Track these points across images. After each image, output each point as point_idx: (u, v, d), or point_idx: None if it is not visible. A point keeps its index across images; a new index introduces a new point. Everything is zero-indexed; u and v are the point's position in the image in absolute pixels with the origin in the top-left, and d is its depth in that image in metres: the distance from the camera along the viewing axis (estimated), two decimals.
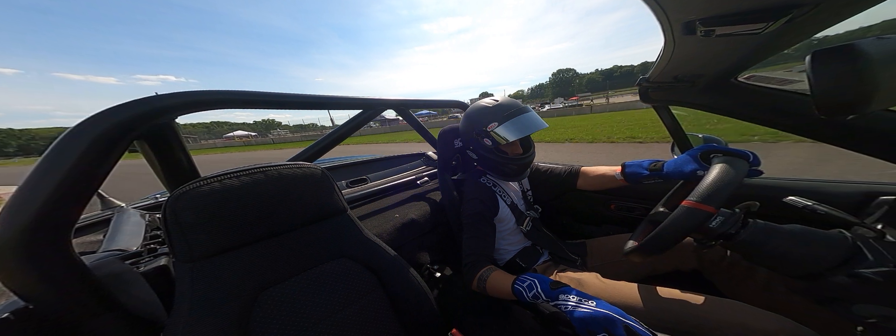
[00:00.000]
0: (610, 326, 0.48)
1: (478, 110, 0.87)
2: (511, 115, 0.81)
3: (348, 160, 1.94)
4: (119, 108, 0.46)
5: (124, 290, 0.49)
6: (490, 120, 0.82)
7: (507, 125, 0.80)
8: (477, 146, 0.88)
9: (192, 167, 0.63)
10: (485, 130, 0.82)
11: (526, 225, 0.97)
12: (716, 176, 0.57)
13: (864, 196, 0.75)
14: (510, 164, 0.87)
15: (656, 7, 0.44)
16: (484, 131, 0.83)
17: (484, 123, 0.83)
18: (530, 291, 0.61)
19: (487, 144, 0.85)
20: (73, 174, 0.40)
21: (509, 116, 0.81)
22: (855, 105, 0.42)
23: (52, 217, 0.39)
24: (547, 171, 1.10)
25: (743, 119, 0.83)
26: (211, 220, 0.47)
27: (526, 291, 0.62)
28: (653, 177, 0.81)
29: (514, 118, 0.80)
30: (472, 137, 0.88)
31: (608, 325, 0.48)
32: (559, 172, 1.07)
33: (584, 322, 0.50)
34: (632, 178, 0.86)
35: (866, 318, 0.45)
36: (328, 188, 0.63)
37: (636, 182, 0.86)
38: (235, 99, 0.65)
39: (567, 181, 1.05)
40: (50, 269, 0.40)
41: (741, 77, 0.77)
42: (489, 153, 0.86)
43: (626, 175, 0.87)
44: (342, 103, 0.91)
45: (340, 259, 0.61)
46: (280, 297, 0.51)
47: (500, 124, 0.80)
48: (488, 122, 0.82)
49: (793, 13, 0.42)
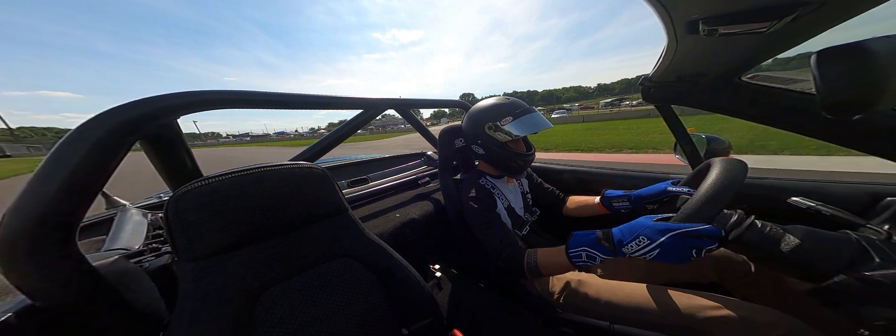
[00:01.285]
0: (698, 243, 0.49)
1: (490, 106, 0.90)
2: (523, 112, 0.85)
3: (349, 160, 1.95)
4: (122, 108, 0.47)
5: (129, 288, 0.49)
6: (505, 115, 0.85)
7: (521, 121, 0.84)
8: (487, 141, 0.89)
9: (195, 166, 0.63)
10: (498, 125, 0.85)
11: (524, 230, 0.97)
12: (716, 177, 0.56)
13: (870, 197, 0.74)
14: (518, 159, 0.90)
15: (658, 6, 0.44)
16: (497, 125, 0.86)
17: (498, 118, 0.86)
18: (595, 261, 0.61)
19: (500, 139, 0.87)
20: (78, 173, 0.40)
21: (522, 113, 0.85)
22: (862, 104, 0.41)
23: (58, 215, 0.39)
24: (543, 185, 1.18)
25: (747, 119, 0.82)
26: (213, 220, 0.47)
27: (592, 262, 0.61)
28: (623, 197, 0.92)
29: (526, 116, 0.85)
30: (481, 132, 0.89)
31: (696, 243, 0.49)
32: (553, 192, 1.16)
33: (674, 246, 0.50)
34: (606, 201, 0.96)
35: (874, 321, 0.44)
36: (329, 188, 0.64)
37: (610, 205, 0.95)
38: (237, 98, 0.65)
39: (557, 203, 1.14)
40: (56, 267, 0.40)
41: (745, 77, 0.77)
42: (500, 148, 0.88)
43: (603, 200, 0.97)
44: (342, 103, 0.91)
45: (342, 259, 0.61)
46: (282, 297, 0.52)
47: (514, 119, 0.84)
48: (503, 117, 0.85)
49: (798, 12, 0.41)
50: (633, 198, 0.90)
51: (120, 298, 0.47)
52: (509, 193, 1.00)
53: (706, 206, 0.53)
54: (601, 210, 0.99)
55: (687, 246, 0.49)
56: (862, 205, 0.74)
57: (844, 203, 0.67)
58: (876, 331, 0.43)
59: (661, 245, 0.51)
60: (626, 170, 1.26)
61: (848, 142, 0.68)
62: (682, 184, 0.81)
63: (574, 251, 0.62)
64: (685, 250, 0.49)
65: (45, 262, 0.39)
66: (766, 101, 0.77)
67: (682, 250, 0.50)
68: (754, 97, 0.78)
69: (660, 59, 0.70)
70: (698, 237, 0.49)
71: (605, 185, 1.26)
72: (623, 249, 0.56)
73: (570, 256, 0.63)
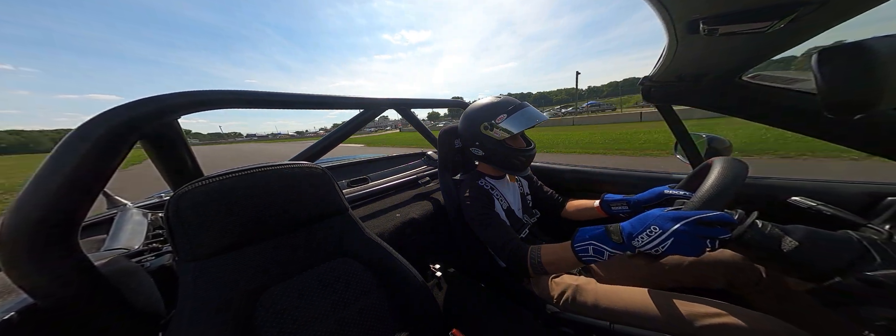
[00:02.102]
0: (711, 232, 0.47)
1: (484, 106, 0.90)
2: (516, 108, 0.86)
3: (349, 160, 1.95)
4: (124, 107, 0.47)
5: (129, 287, 0.49)
6: (498, 113, 0.86)
7: (516, 116, 0.85)
8: (484, 140, 0.89)
9: (196, 166, 0.63)
10: (494, 123, 0.86)
11: (523, 232, 0.96)
12: (717, 177, 0.56)
13: (870, 197, 0.73)
14: (519, 155, 0.89)
15: (659, 6, 0.44)
16: (493, 124, 0.86)
17: (492, 117, 0.86)
18: (602, 256, 0.57)
19: (497, 137, 0.87)
20: (80, 172, 0.40)
21: (515, 109, 0.86)
22: (863, 104, 0.41)
23: (60, 214, 0.39)
24: (543, 188, 1.17)
25: (748, 119, 0.82)
26: (213, 219, 0.47)
27: (599, 257, 0.58)
28: (622, 201, 0.91)
29: (519, 111, 0.86)
30: (477, 132, 0.89)
31: (710, 232, 0.47)
32: (552, 195, 1.15)
33: (688, 235, 0.47)
34: (605, 205, 0.96)
35: (875, 321, 0.44)
36: (329, 188, 0.64)
37: (609, 209, 0.95)
38: (238, 98, 0.65)
39: (556, 206, 1.13)
40: (57, 266, 0.40)
41: (746, 76, 0.77)
42: (499, 146, 0.88)
43: (602, 204, 0.97)
44: (343, 103, 0.91)
45: (342, 258, 0.61)
46: (282, 296, 0.52)
47: (509, 116, 0.85)
48: (497, 115, 0.86)
49: (798, 12, 0.41)
50: (632, 203, 0.89)
51: (120, 297, 0.47)
52: (509, 195, 1.00)
53: (717, 195, 0.51)
54: (600, 214, 0.98)
55: (701, 235, 0.47)
56: (863, 204, 0.74)
57: (845, 203, 0.66)
58: (877, 331, 0.43)
59: (675, 233, 0.48)
60: (626, 170, 1.26)
61: (849, 142, 0.68)
62: (678, 187, 0.81)
63: (580, 245, 0.60)
64: (699, 240, 0.47)
65: (46, 261, 0.39)
66: (767, 100, 0.76)
67: (695, 240, 0.47)
68: (755, 97, 0.78)
69: (660, 58, 0.70)
70: (712, 224, 0.47)
71: (606, 185, 1.26)
72: (633, 242, 0.52)
73: (576, 251, 0.60)
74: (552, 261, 0.68)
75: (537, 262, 0.69)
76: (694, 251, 0.47)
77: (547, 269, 0.69)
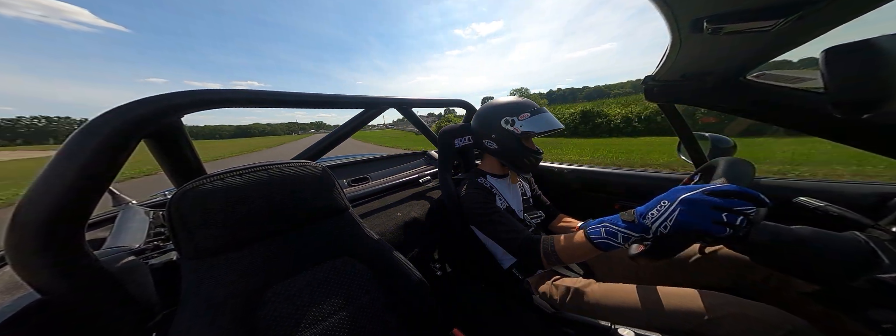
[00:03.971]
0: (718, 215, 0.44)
1: (508, 102, 0.92)
2: (538, 110, 0.89)
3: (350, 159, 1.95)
4: (130, 105, 0.47)
5: (134, 284, 0.50)
6: (523, 111, 0.88)
7: (537, 118, 0.88)
8: (502, 134, 0.90)
9: (199, 165, 0.64)
10: (516, 119, 0.88)
11: None
12: (725, 172, 0.55)
13: (878, 197, 0.72)
14: (530, 155, 0.91)
15: (662, 5, 0.44)
16: (515, 119, 0.88)
17: (516, 113, 0.88)
18: (616, 238, 0.56)
19: (517, 132, 0.88)
20: (87, 170, 0.41)
21: (537, 112, 0.89)
22: (872, 103, 0.41)
23: (66, 211, 0.39)
24: (542, 197, 1.17)
25: (753, 118, 0.81)
26: (215, 218, 0.48)
27: (613, 240, 0.57)
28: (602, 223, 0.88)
29: (540, 114, 0.89)
30: (496, 125, 0.90)
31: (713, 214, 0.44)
32: (549, 206, 1.16)
33: (699, 204, 0.45)
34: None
35: (882, 323, 0.43)
36: (330, 186, 0.64)
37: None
38: (240, 98, 0.66)
39: (550, 216, 1.13)
40: (65, 263, 0.40)
41: (751, 75, 0.76)
42: (513, 142, 0.90)
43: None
44: (343, 102, 0.91)
45: (342, 257, 0.61)
46: (283, 295, 0.52)
47: (531, 115, 0.87)
48: (521, 112, 0.88)
49: (803, 10, 0.41)
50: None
51: (125, 294, 0.47)
52: (509, 195, 0.99)
53: (742, 172, 0.49)
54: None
55: (713, 205, 0.43)
56: (870, 205, 0.73)
57: (852, 203, 0.65)
58: (885, 334, 0.43)
59: (683, 202, 0.45)
60: (628, 170, 1.25)
61: (857, 141, 0.67)
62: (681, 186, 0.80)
63: (593, 227, 0.59)
64: (710, 211, 0.43)
65: (53, 258, 0.39)
66: (773, 100, 0.75)
67: (706, 210, 0.43)
68: (760, 96, 0.77)
69: (663, 57, 0.69)
70: (728, 195, 0.43)
71: (608, 186, 1.25)
72: (643, 220, 0.51)
73: (588, 234, 0.59)
74: (565, 247, 0.66)
75: (550, 250, 0.68)
76: (703, 222, 0.44)
77: (560, 256, 0.67)
